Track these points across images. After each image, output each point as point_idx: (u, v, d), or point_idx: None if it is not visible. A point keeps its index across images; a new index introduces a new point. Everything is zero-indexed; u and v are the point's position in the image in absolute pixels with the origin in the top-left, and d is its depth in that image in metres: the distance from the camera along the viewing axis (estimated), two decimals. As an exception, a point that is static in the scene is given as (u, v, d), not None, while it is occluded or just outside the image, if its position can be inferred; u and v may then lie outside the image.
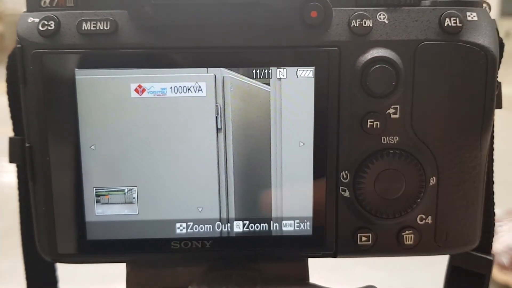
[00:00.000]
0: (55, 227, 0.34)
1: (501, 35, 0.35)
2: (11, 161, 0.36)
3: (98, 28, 0.32)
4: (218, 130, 0.34)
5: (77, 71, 0.33)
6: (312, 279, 0.38)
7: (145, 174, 0.34)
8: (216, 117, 0.34)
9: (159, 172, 0.34)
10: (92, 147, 0.34)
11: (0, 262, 1.13)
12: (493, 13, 0.35)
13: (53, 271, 0.41)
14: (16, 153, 0.35)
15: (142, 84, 0.33)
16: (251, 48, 0.33)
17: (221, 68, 0.33)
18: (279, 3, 0.32)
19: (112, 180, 0.34)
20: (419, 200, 0.34)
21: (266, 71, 0.33)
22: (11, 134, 0.37)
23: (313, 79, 0.33)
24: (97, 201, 0.34)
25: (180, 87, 0.33)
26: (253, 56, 0.33)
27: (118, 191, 0.34)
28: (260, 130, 0.34)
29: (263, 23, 0.33)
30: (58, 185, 0.34)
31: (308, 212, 0.35)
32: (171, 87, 0.33)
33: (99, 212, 0.34)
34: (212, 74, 0.33)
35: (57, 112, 0.33)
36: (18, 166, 0.38)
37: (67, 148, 0.34)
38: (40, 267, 0.40)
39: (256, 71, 0.33)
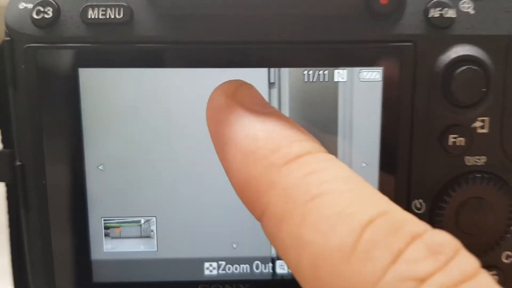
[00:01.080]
0: (53, 267, 0.29)
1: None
2: None
3: (108, 17, 0.27)
4: (256, 145, 0.28)
5: (80, 70, 0.28)
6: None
7: (166, 201, 0.29)
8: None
9: (184, 200, 0.29)
10: (100, 167, 0.29)
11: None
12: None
13: None
14: (5, 170, 0.30)
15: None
16: (301, 43, 0.28)
17: (262, 69, 0.28)
18: None
19: (124, 208, 0.29)
20: (508, 235, 0.29)
21: (321, 72, 0.28)
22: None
23: (380, 83, 0.28)
24: (106, 235, 0.29)
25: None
26: (304, 54, 0.28)
27: (132, 222, 0.29)
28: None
29: (317, 12, 0.27)
30: (57, 215, 0.29)
31: None
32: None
33: (109, 248, 0.29)
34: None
35: (55, 122, 0.28)
36: (7, 186, 0.32)
37: (68, 169, 0.29)
38: None
39: (308, 73, 0.28)
